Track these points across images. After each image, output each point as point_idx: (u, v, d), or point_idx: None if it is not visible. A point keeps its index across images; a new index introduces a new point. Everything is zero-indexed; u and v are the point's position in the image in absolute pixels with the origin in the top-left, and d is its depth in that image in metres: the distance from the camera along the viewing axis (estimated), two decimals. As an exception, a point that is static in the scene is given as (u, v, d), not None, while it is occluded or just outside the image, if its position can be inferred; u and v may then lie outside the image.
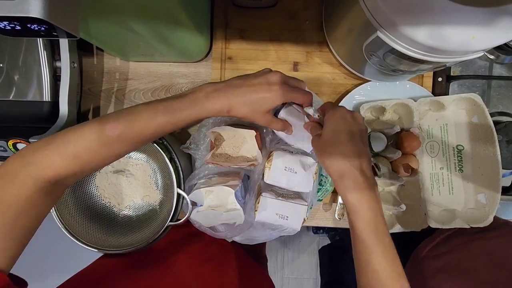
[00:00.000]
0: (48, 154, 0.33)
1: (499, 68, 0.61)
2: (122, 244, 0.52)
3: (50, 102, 0.55)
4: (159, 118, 0.35)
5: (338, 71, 0.61)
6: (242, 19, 0.61)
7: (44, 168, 0.32)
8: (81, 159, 0.33)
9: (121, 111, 0.35)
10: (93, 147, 0.34)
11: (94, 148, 0.34)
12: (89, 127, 0.34)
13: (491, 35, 0.34)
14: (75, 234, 0.51)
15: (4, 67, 0.54)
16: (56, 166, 0.33)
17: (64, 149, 0.33)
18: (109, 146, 0.34)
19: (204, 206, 0.51)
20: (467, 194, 0.57)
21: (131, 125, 0.34)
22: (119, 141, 0.34)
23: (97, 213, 0.56)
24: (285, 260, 1.44)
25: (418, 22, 0.34)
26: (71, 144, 0.33)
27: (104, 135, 0.33)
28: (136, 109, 0.35)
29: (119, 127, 0.34)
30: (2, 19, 0.26)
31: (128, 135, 0.34)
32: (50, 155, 0.33)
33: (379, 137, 0.56)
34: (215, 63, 0.60)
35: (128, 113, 0.35)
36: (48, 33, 0.29)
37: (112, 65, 0.63)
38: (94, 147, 0.34)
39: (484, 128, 0.55)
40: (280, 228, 0.52)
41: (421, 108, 0.56)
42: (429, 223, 0.55)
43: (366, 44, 0.42)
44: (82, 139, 0.33)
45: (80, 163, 0.34)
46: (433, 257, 0.54)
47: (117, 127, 0.34)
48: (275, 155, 0.49)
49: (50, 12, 0.26)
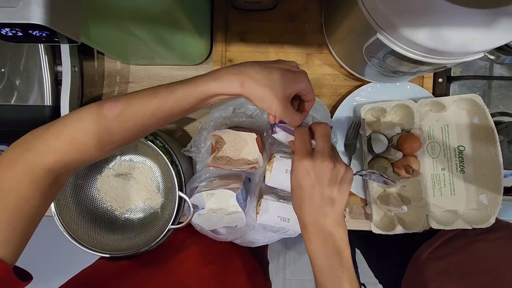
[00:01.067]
0: (47, 138, 0.31)
1: (500, 69, 0.61)
2: (123, 248, 0.52)
3: (51, 106, 0.55)
4: (160, 94, 0.33)
5: (338, 73, 0.61)
6: (242, 22, 0.61)
7: (44, 153, 0.31)
8: (80, 142, 0.32)
9: (123, 94, 0.34)
10: (90, 130, 0.32)
11: (92, 131, 0.32)
12: (87, 108, 0.32)
13: (491, 36, 0.34)
14: (77, 238, 0.51)
15: (6, 71, 0.54)
16: (55, 151, 0.31)
17: (61, 132, 0.31)
18: (108, 128, 0.32)
19: (206, 209, 0.51)
20: (469, 195, 0.57)
21: (130, 103, 0.32)
22: (118, 122, 0.32)
23: (99, 217, 0.56)
24: (286, 262, 1.44)
25: (418, 24, 0.34)
26: (68, 127, 0.32)
27: (103, 115, 0.32)
28: (137, 91, 0.33)
29: (118, 106, 0.32)
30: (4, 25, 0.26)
31: (127, 115, 0.32)
32: (48, 139, 0.31)
33: (380, 138, 0.56)
34: (215, 65, 0.60)
35: (130, 94, 0.33)
36: (50, 39, 0.29)
37: (113, 69, 0.63)
38: (92, 129, 0.32)
39: (485, 129, 0.55)
40: (281, 231, 0.52)
41: (421, 109, 0.56)
42: (431, 224, 0.54)
43: (366, 46, 0.42)
44: (80, 121, 0.32)
45: (79, 148, 0.32)
46: (434, 259, 0.54)
47: (116, 106, 0.32)
48: (276, 158, 0.49)
49: (51, 19, 0.26)
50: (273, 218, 0.49)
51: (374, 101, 0.57)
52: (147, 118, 0.33)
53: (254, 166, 0.49)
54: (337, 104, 0.60)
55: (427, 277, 0.52)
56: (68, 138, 0.31)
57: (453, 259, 0.52)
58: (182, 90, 0.33)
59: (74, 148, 0.32)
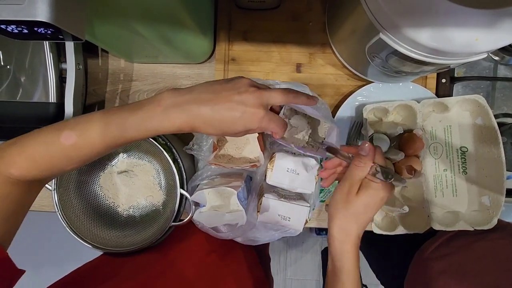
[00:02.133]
0: (12, 153, 0.33)
1: (504, 70, 0.61)
2: (125, 244, 0.52)
3: (55, 103, 0.56)
4: (112, 132, 0.33)
5: (341, 73, 0.61)
6: (245, 21, 0.61)
7: (10, 165, 0.32)
8: (39, 163, 0.33)
9: (81, 117, 0.34)
10: (48, 154, 0.33)
11: (49, 155, 0.33)
12: (47, 132, 0.33)
13: (495, 36, 0.34)
14: (80, 234, 0.51)
15: (11, 68, 0.55)
16: (19, 168, 0.32)
17: (22, 151, 0.32)
18: (65, 154, 0.33)
19: (207, 206, 0.51)
20: (471, 196, 0.57)
21: (85, 135, 0.33)
22: (74, 150, 0.33)
23: (101, 213, 0.57)
24: (287, 261, 1.44)
25: (421, 24, 0.34)
26: (29, 147, 0.33)
27: (59, 143, 0.32)
28: (93, 117, 0.33)
29: (73, 136, 0.32)
30: (10, 23, 0.27)
31: (83, 144, 0.33)
32: (13, 154, 0.32)
33: (382, 138, 0.56)
34: (218, 64, 0.61)
35: (85, 121, 0.33)
36: (55, 36, 0.29)
37: (117, 67, 0.63)
38: (50, 154, 0.33)
39: (488, 130, 0.55)
40: (282, 229, 0.52)
41: (424, 109, 0.56)
42: (433, 225, 0.54)
43: (369, 46, 0.42)
44: (39, 144, 0.33)
45: (38, 167, 0.33)
46: (435, 258, 0.54)
47: (72, 136, 0.32)
48: (277, 157, 0.49)
49: (56, 16, 0.27)
50: (274, 217, 0.49)
51: (376, 101, 0.57)
52: (101, 149, 0.34)
53: (256, 165, 0.49)
54: (340, 104, 0.60)
55: (428, 276, 0.52)
56: (29, 157, 0.32)
57: (454, 258, 0.51)
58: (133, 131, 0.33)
59: (35, 168, 0.33)
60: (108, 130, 0.32)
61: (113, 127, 0.32)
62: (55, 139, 0.32)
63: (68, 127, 0.33)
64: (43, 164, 0.33)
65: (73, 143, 0.32)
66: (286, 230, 0.52)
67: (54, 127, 0.33)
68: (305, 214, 0.49)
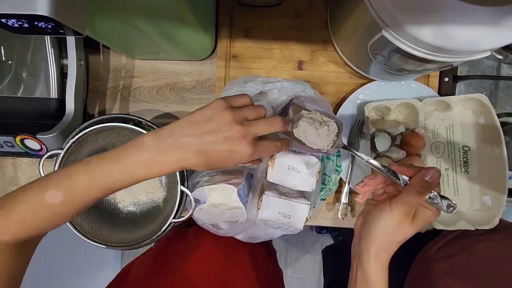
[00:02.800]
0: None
1: (507, 68, 0.60)
2: (126, 240, 0.53)
3: (57, 99, 0.56)
4: (99, 184, 0.32)
5: (343, 70, 0.61)
6: (247, 18, 0.61)
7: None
8: (31, 224, 0.32)
9: (59, 173, 0.33)
10: (37, 215, 0.32)
11: (39, 216, 0.32)
12: (32, 191, 0.32)
13: (499, 34, 0.34)
14: (80, 230, 0.51)
15: (13, 64, 0.55)
16: (7, 232, 0.31)
17: (9, 214, 0.31)
18: (54, 212, 0.32)
19: (207, 203, 0.51)
20: (473, 195, 0.56)
21: (72, 191, 0.31)
22: (64, 207, 0.32)
23: (102, 209, 0.57)
24: (288, 259, 1.44)
25: (424, 21, 0.34)
26: (16, 210, 0.31)
27: (46, 203, 0.31)
28: (73, 171, 0.32)
29: (60, 195, 0.31)
30: (11, 16, 0.27)
31: (72, 200, 0.32)
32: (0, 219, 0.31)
33: (384, 137, 0.56)
34: (219, 61, 0.60)
35: (68, 177, 0.32)
36: (55, 31, 0.29)
37: (118, 63, 0.63)
38: (39, 215, 0.32)
39: (491, 129, 0.54)
40: (282, 227, 0.52)
41: (426, 108, 0.56)
42: (433, 225, 0.54)
43: (371, 43, 0.42)
44: (26, 205, 0.32)
45: (28, 228, 0.32)
46: (438, 259, 0.54)
47: (58, 194, 0.31)
48: (278, 154, 0.49)
49: (57, 10, 0.26)
50: (274, 214, 0.49)
51: (378, 99, 0.57)
52: (92, 200, 0.33)
53: (256, 162, 0.49)
54: (341, 102, 0.59)
55: (431, 277, 0.52)
56: (17, 220, 0.32)
57: (457, 259, 0.51)
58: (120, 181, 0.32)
59: (26, 229, 0.32)
60: (94, 184, 0.32)
61: (98, 180, 0.32)
62: (40, 199, 0.31)
63: (52, 185, 0.32)
64: (33, 224, 0.32)
65: (61, 201, 0.31)
66: (286, 227, 0.51)
67: (37, 186, 0.32)
68: (306, 212, 0.49)
